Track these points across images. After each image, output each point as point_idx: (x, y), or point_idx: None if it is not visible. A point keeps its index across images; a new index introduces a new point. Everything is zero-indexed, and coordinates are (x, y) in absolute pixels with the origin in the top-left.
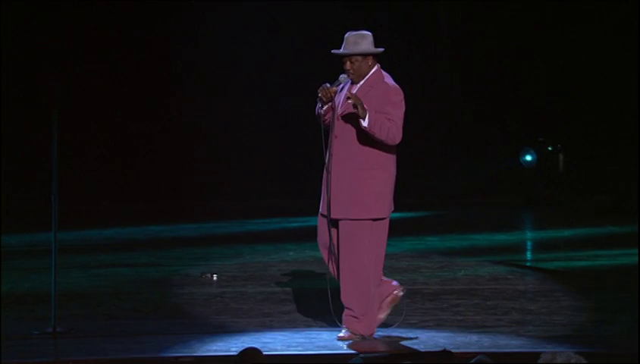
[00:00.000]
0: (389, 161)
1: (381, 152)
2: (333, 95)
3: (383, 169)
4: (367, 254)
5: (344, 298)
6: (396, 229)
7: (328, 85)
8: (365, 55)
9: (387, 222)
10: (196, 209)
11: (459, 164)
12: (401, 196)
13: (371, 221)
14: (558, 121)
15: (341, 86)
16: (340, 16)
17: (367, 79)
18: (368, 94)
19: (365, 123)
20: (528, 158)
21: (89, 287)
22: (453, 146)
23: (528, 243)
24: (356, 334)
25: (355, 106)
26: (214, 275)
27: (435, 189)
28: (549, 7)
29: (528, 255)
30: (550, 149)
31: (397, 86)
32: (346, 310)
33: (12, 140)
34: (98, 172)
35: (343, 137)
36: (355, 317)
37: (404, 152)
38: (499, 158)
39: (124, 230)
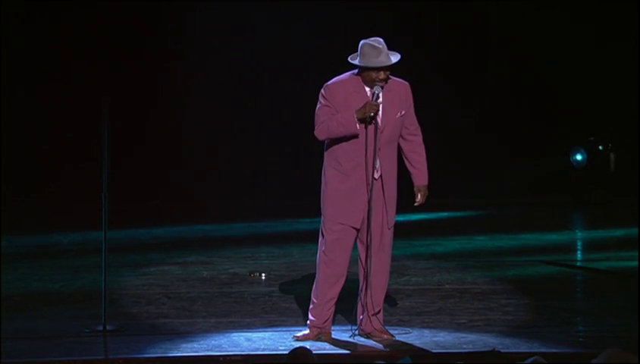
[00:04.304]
0: None
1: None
2: (378, 108)
3: None
4: None
5: (381, 299)
6: (446, 228)
7: (374, 101)
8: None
9: None
10: (245, 208)
11: (509, 164)
12: (451, 196)
13: None
14: (609, 120)
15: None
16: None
17: (387, 85)
18: (394, 100)
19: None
20: (579, 157)
21: (139, 285)
22: (503, 146)
23: (579, 243)
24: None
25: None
26: (263, 274)
27: (484, 188)
28: (602, 6)
29: (579, 255)
30: (600, 148)
31: (403, 80)
32: (373, 308)
33: (58, 139)
34: (148, 170)
35: (385, 149)
36: (379, 311)
37: (454, 153)
38: (549, 158)
39: (174, 229)
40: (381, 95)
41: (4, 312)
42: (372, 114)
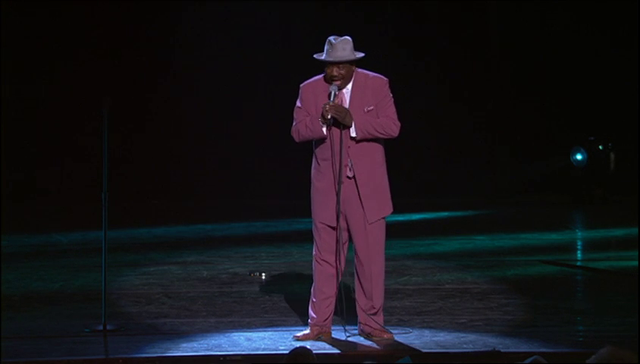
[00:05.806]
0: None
1: (383, 148)
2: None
3: (385, 163)
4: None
5: (376, 299)
6: (446, 228)
7: (331, 102)
8: (353, 61)
9: None
10: (246, 208)
11: (509, 163)
12: (450, 196)
13: None
14: (609, 120)
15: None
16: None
17: (354, 81)
18: (364, 95)
19: (353, 133)
20: (579, 157)
21: (139, 285)
22: (503, 145)
23: (579, 243)
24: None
25: (338, 116)
26: (263, 274)
27: (485, 188)
28: (602, 7)
29: (579, 254)
30: (600, 147)
31: (381, 75)
32: (369, 309)
33: (59, 140)
34: (148, 170)
35: (357, 147)
36: (377, 312)
37: (454, 151)
38: (549, 157)
39: (174, 228)
40: (337, 93)
41: (5, 312)
42: (329, 116)
